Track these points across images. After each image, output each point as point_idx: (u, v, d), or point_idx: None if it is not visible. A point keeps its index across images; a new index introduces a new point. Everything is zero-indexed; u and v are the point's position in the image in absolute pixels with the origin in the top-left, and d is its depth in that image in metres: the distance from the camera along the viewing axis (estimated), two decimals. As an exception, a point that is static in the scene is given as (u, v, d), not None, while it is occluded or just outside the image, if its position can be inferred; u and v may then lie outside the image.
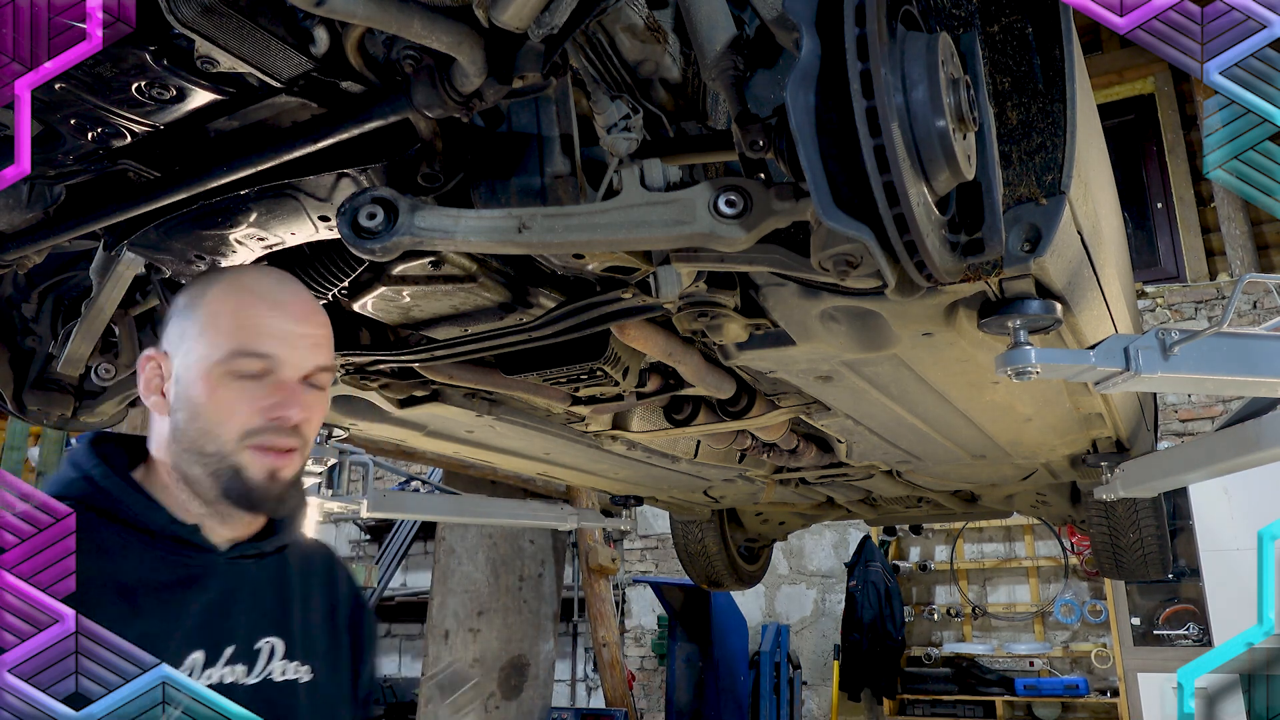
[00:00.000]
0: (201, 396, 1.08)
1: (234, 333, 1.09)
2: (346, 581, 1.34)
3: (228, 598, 1.13)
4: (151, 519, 1.10)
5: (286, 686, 1.16)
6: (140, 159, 1.19)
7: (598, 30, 1.08)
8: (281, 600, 1.20)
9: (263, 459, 1.09)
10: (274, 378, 1.10)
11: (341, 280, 1.42)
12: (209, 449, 1.09)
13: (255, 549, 1.17)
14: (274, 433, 1.09)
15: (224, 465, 1.08)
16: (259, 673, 1.13)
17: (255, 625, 1.15)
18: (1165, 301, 6.94)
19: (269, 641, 1.16)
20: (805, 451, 2.51)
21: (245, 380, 1.08)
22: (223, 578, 1.13)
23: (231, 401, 1.08)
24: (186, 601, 1.09)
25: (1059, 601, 6.90)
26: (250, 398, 1.08)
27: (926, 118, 0.89)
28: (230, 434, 1.08)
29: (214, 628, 1.10)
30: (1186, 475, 2.26)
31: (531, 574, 6.40)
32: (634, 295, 1.38)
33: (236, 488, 1.09)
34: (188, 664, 1.07)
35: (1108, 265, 1.47)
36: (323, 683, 1.21)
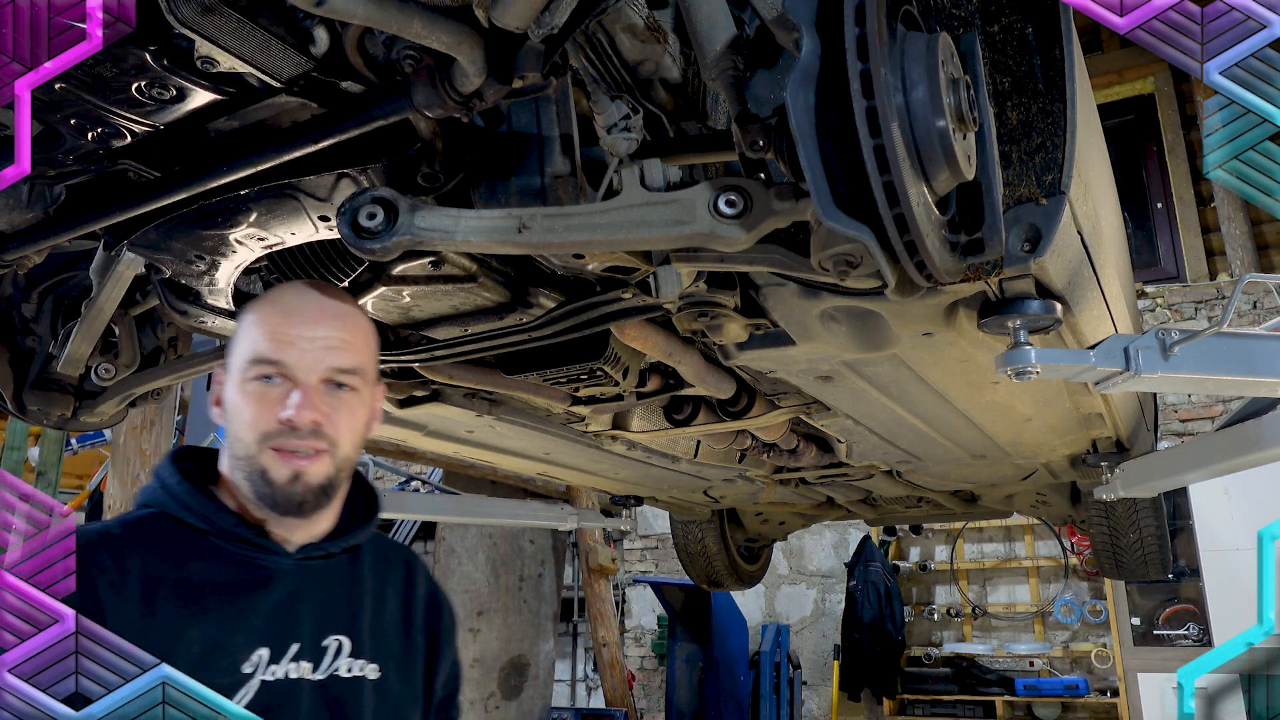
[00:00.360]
0: (232, 404, 1.16)
1: (253, 342, 1.16)
2: (426, 583, 1.37)
3: (295, 597, 1.17)
4: (219, 522, 1.16)
5: (353, 683, 1.19)
6: (140, 159, 1.19)
7: (598, 30, 1.08)
8: (350, 600, 1.24)
9: (284, 461, 1.14)
10: (288, 383, 1.14)
11: (341, 280, 1.42)
12: (239, 453, 1.15)
13: (322, 550, 1.22)
14: (289, 435, 1.13)
15: (252, 468, 1.14)
16: (325, 669, 1.17)
17: (322, 623, 1.19)
18: (1165, 301, 6.94)
19: (336, 639, 1.19)
20: (805, 451, 2.51)
21: (263, 386, 1.14)
22: (290, 578, 1.18)
23: (250, 407, 1.14)
24: (254, 601, 1.14)
25: (1059, 601, 6.90)
26: (265, 402, 1.14)
27: (926, 118, 0.89)
28: (251, 437, 1.14)
29: (280, 626, 1.15)
30: (1186, 475, 2.26)
31: (531, 574, 6.40)
32: (634, 295, 1.38)
33: (262, 489, 1.14)
34: (253, 660, 1.11)
35: (1108, 265, 1.47)
36: (392, 681, 1.24)
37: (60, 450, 4.85)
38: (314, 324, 1.17)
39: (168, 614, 1.09)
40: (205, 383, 4.81)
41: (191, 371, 1.84)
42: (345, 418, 1.18)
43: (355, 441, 1.21)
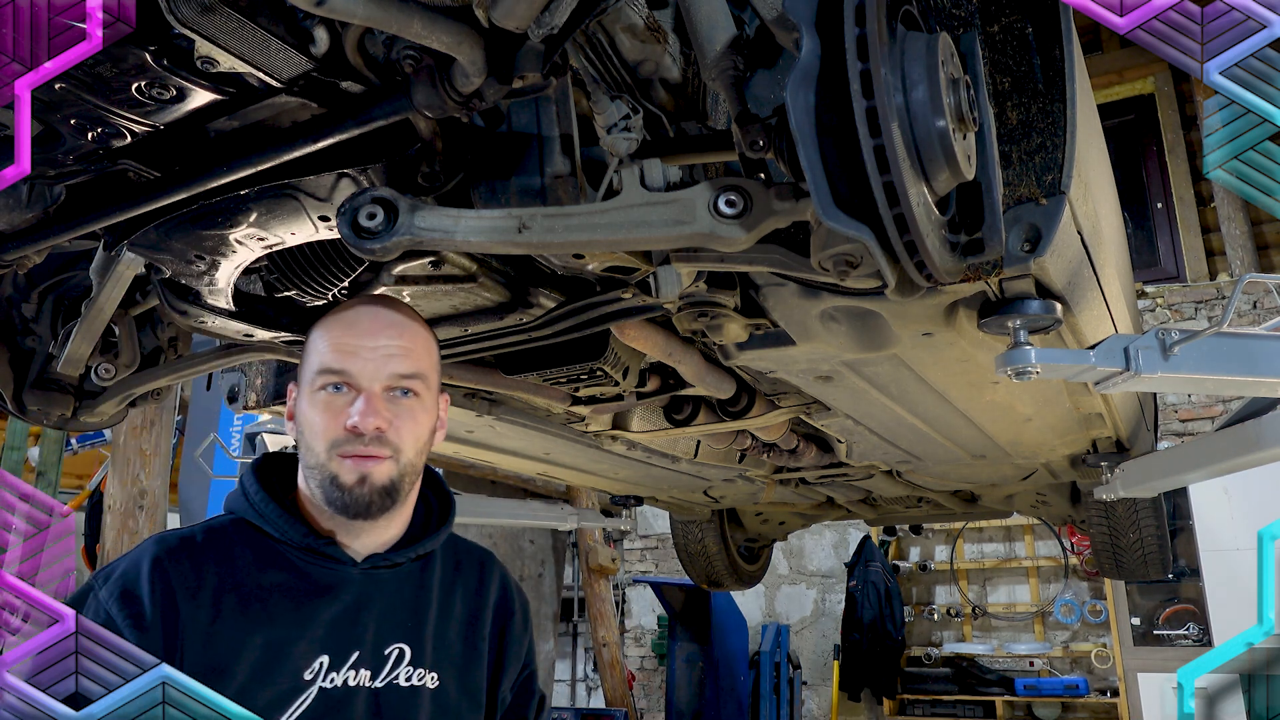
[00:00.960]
0: (303, 416, 1.22)
1: (319, 354, 1.22)
2: (499, 589, 1.39)
3: (359, 606, 1.21)
4: (290, 533, 1.20)
5: (410, 692, 1.21)
6: (140, 159, 1.19)
7: (598, 30, 1.07)
8: (416, 608, 1.26)
9: (352, 465, 1.18)
10: (352, 391, 1.20)
11: (341, 280, 1.42)
12: (311, 462, 1.20)
13: (388, 560, 1.25)
14: (355, 441, 1.18)
15: (323, 475, 1.19)
16: (384, 677, 1.20)
17: (384, 632, 1.22)
18: (1165, 301, 6.94)
19: (397, 647, 1.22)
20: (805, 451, 2.51)
21: (330, 395, 1.19)
22: (356, 587, 1.21)
23: (318, 417, 1.20)
24: (318, 609, 1.18)
25: (1059, 601, 6.90)
26: (332, 411, 1.19)
27: (926, 118, 0.89)
28: (321, 446, 1.19)
29: (342, 634, 1.18)
30: (1186, 475, 2.26)
31: (531, 574, 6.40)
32: (634, 295, 1.38)
33: (332, 494, 1.18)
34: (313, 667, 1.15)
35: (1108, 265, 1.47)
36: (450, 690, 1.26)
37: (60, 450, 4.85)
38: (375, 334, 1.21)
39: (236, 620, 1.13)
40: (205, 383, 4.81)
41: (191, 371, 1.84)
42: (408, 424, 1.21)
43: (419, 448, 1.24)
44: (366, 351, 1.20)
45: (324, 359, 1.21)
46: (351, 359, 1.20)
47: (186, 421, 5.30)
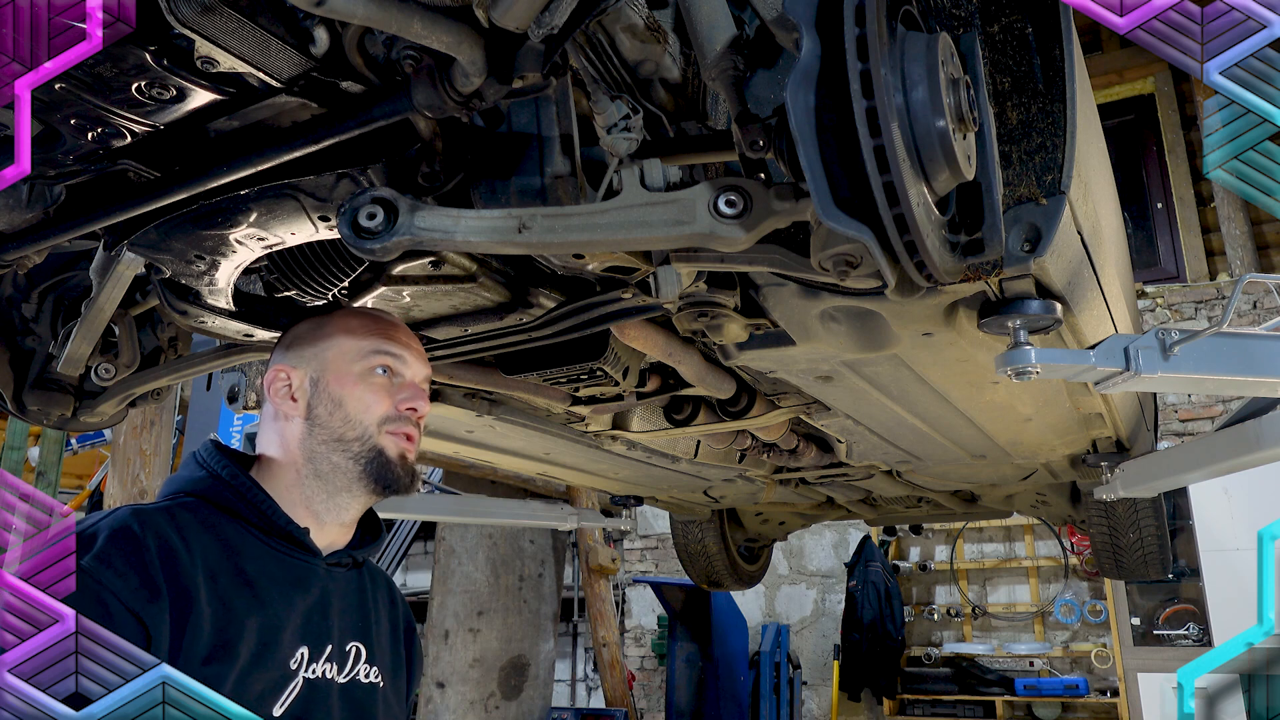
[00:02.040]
0: (344, 392, 1.27)
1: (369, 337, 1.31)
2: (403, 605, 1.46)
3: (325, 600, 1.24)
4: (275, 517, 1.22)
5: (370, 689, 1.27)
6: (140, 159, 1.19)
7: (598, 30, 1.07)
8: (362, 610, 1.32)
9: (397, 442, 1.28)
10: (400, 378, 1.31)
11: (341, 280, 1.42)
12: (351, 435, 1.26)
13: (344, 558, 1.31)
14: (405, 421, 1.28)
15: (366, 447, 1.26)
16: (348, 673, 1.24)
17: (345, 629, 1.26)
18: (1165, 301, 6.94)
19: (355, 645, 1.27)
20: (805, 451, 2.51)
21: (380, 379, 1.29)
22: (321, 581, 1.25)
23: (372, 394, 1.28)
24: (294, 599, 1.20)
25: (1059, 601, 6.90)
26: (387, 392, 1.29)
27: (926, 118, 0.89)
28: (372, 420, 1.27)
29: (316, 626, 1.21)
30: (1186, 475, 2.26)
31: (531, 574, 6.40)
32: (634, 295, 1.38)
33: (377, 467, 1.26)
34: (297, 657, 1.16)
35: (1108, 265, 1.48)
36: (391, 690, 1.32)
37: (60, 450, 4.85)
38: (410, 337, 1.36)
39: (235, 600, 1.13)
40: (205, 383, 4.82)
41: (191, 371, 1.84)
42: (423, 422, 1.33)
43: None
44: (412, 349, 1.34)
45: (377, 342, 1.30)
46: (405, 349, 1.32)
47: (186, 421, 5.30)
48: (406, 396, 1.29)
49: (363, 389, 1.27)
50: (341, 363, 1.29)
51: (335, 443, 1.26)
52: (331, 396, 1.27)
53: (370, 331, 1.31)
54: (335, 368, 1.29)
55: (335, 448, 1.26)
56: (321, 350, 1.31)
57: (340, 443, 1.26)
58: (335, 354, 1.30)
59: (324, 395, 1.28)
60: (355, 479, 1.25)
